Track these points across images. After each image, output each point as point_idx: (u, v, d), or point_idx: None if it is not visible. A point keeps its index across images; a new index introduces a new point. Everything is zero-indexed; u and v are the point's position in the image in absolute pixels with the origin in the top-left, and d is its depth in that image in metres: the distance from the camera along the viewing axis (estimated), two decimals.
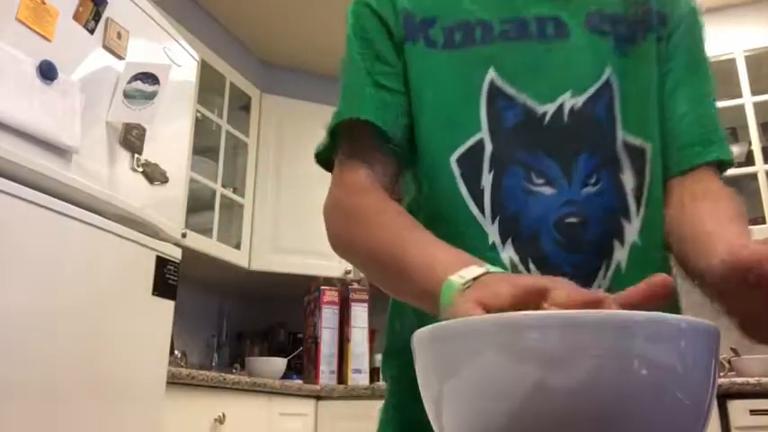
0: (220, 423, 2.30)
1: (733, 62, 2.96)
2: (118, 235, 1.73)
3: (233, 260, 3.06)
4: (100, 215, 1.67)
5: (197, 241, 2.75)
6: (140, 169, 1.85)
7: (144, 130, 1.86)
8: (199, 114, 2.89)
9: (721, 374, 2.63)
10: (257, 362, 3.09)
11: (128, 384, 1.73)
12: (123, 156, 1.79)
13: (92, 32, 1.70)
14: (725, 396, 2.31)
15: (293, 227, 3.27)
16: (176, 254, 1.96)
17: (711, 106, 0.83)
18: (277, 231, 3.29)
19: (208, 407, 2.29)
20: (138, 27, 1.90)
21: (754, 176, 2.83)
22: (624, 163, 0.75)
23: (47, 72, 1.51)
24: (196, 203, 2.85)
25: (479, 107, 0.76)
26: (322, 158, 0.84)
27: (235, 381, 2.41)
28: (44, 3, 1.55)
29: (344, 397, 2.96)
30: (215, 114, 3.08)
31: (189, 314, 3.01)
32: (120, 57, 1.80)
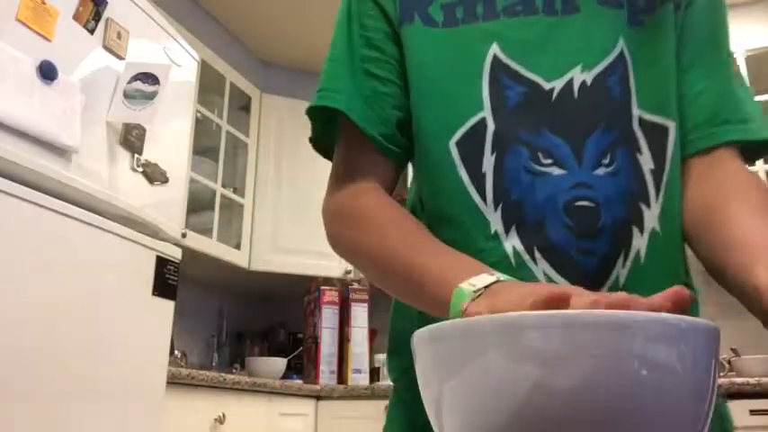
0: (220, 423, 2.30)
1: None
2: (118, 235, 1.73)
3: (233, 260, 3.06)
4: (100, 215, 1.67)
5: (197, 241, 2.75)
6: (140, 169, 1.85)
7: (144, 130, 1.86)
8: (199, 114, 2.89)
9: (721, 374, 2.63)
10: (257, 362, 3.09)
11: (128, 384, 1.73)
12: (123, 156, 1.79)
13: (92, 32, 1.70)
14: (725, 396, 2.30)
15: (293, 227, 3.27)
16: (176, 254, 1.96)
17: (732, 81, 0.75)
18: (277, 231, 3.29)
19: (208, 407, 2.29)
20: (138, 27, 1.90)
21: None
22: (641, 142, 0.69)
23: (47, 72, 1.51)
24: (196, 203, 2.85)
25: (481, 84, 0.70)
26: (319, 146, 0.81)
27: (235, 381, 2.41)
28: (44, 3, 1.55)
29: (344, 397, 2.96)
30: (215, 114, 3.08)
31: (189, 314, 3.01)
32: (120, 57, 1.80)
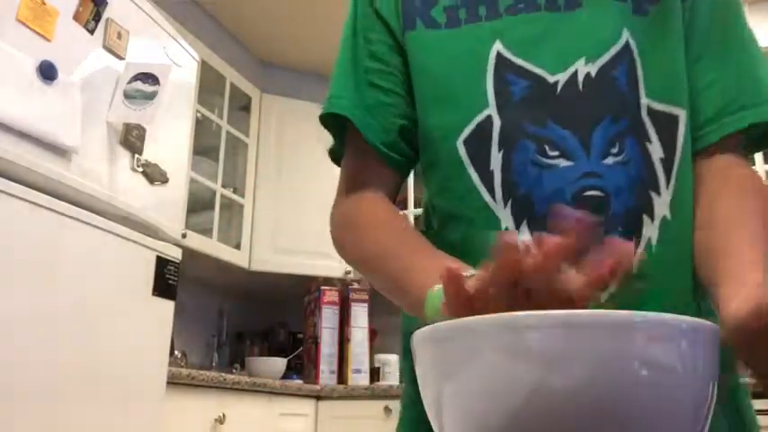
0: (220, 423, 2.30)
1: None
2: (118, 235, 1.73)
3: (233, 260, 3.06)
4: (100, 215, 1.67)
5: (197, 241, 2.75)
6: (140, 169, 1.85)
7: (144, 130, 1.86)
8: (199, 114, 2.89)
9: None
10: (257, 362, 3.09)
11: (128, 384, 1.73)
12: (123, 156, 1.79)
13: (92, 33, 1.70)
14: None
15: (293, 227, 3.27)
16: (176, 254, 1.96)
17: (751, 63, 0.74)
18: (277, 231, 3.29)
19: (208, 407, 2.29)
20: (138, 27, 1.90)
21: None
22: (650, 131, 0.68)
23: (47, 72, 1.51)
24: (196, 203, 2.85)
25: (486, 81, 0.70)
26: (338, 158, 0.83)
27: (235, 381, 2.41)
28: (44, 3, 1.54)
29: (344, 397, 2.96)
30: (215, 114, 3.08)
31: (189, 314, 3.01)
32: (120, 57, 1.80)
